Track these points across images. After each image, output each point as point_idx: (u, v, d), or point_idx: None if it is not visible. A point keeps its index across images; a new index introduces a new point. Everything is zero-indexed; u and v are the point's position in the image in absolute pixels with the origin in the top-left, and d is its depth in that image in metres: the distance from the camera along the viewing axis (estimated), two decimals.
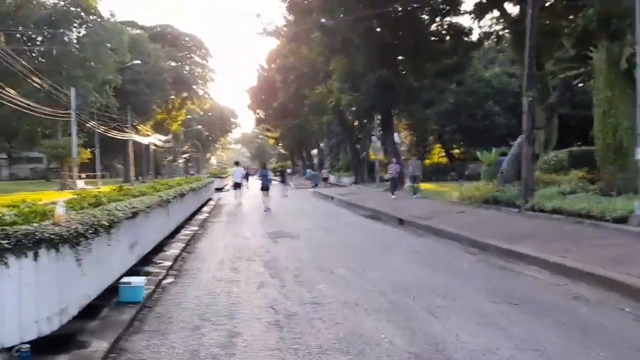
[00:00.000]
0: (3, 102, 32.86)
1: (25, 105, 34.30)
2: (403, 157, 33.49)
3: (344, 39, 27.00)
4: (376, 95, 26.15)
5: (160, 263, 8.21)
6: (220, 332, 4.97)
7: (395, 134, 36.23)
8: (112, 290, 5.77)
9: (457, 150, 44.63)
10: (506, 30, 21.57)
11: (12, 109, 37.18)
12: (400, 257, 9.09)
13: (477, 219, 13.56)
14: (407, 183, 18.44)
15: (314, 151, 72.02)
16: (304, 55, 35.54)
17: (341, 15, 25.49)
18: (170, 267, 8.08)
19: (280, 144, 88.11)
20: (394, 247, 10.24)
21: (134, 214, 6.60)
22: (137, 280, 5.85)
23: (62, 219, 4.21)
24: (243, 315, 5.56)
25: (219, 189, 34.38)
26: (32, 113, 37.05)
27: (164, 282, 7.23)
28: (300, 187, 40.41)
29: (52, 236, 3.87)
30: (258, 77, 68.02)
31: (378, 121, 34.25)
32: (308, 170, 42.49)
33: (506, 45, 27.89)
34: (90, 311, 5.05)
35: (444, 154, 45.34)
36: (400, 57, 28.17)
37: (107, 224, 5.10)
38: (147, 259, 8.12)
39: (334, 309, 5.71)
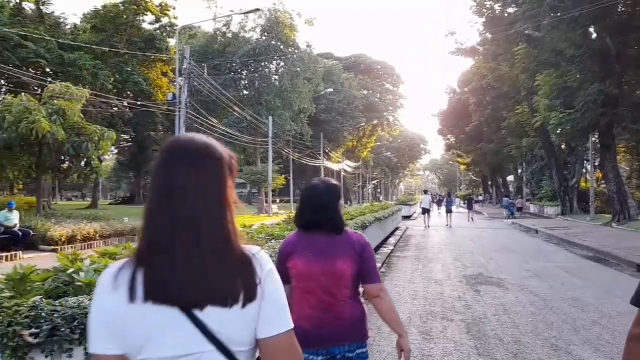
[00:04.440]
0: (210, 131, 35.65)
1: (228, 134, 36.82)
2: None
3: (554, 50, 23.46)
4: (595, 112, 22.01)
5: None
6: None
7: None
8: None
9: None
10: None
11: (218, 138, 40.29)
12: None
13: None
14: None
15: (510, 178, 66.54)
16: (503, 73, 32.26)
17: (549, 22, 22.12)
18: None
19: (471, 170, 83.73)
20: None
21: None
22: None
23: None
24: None
25: (407, 217, 32.58)
26: (235, 142, 39.73)
27: None
28: (495, 217, 36.74)
29: None
30: (449, 101, 65.58)
31: (587, 143, 29.46)
32: (505, 199, 38.49)
33: None
34: None
35: None
36: (625, 67, 23.54)
37: None
38: None
39: None
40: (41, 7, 38.27)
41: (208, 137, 1.34)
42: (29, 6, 38.69)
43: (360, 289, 2.56)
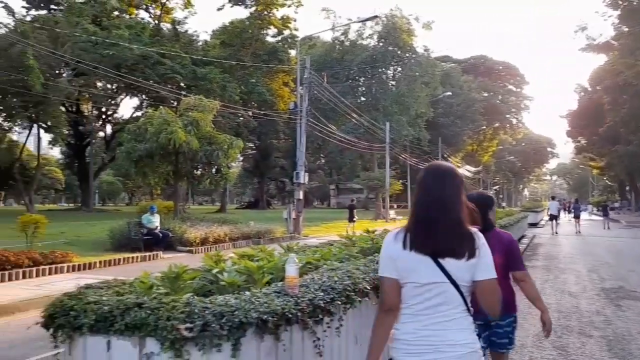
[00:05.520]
0: (329, 138, 36.38)
1: (346, 141, 37.35)
2: None
3: None
4: None
5: None
6: None
7: None
8: None
9: None
10: None
11: (336, 144, 41.08)
12: None
13: None
14: None
15: None
16: None
17: None
18: None
19: (605, 175, 77.08)
20: None
21: None
22: None
23: (294, 283, 2.87)
24: None
25: (533, 224, 30.79)
26: (353, 148, 40.18)
27: None
28: (634, 225, 33.50)
29: (267, 316, 2.54)
30: (579, 100, 61.16)
31: None
32: None
33: None
34: None
35: None
36: None
37: (369, 287, 3.55)
38: None
39: None
40: (177, 27, 41.63)
41: (449, 163, 2.37)
42: (166, 26, 42.29)
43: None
